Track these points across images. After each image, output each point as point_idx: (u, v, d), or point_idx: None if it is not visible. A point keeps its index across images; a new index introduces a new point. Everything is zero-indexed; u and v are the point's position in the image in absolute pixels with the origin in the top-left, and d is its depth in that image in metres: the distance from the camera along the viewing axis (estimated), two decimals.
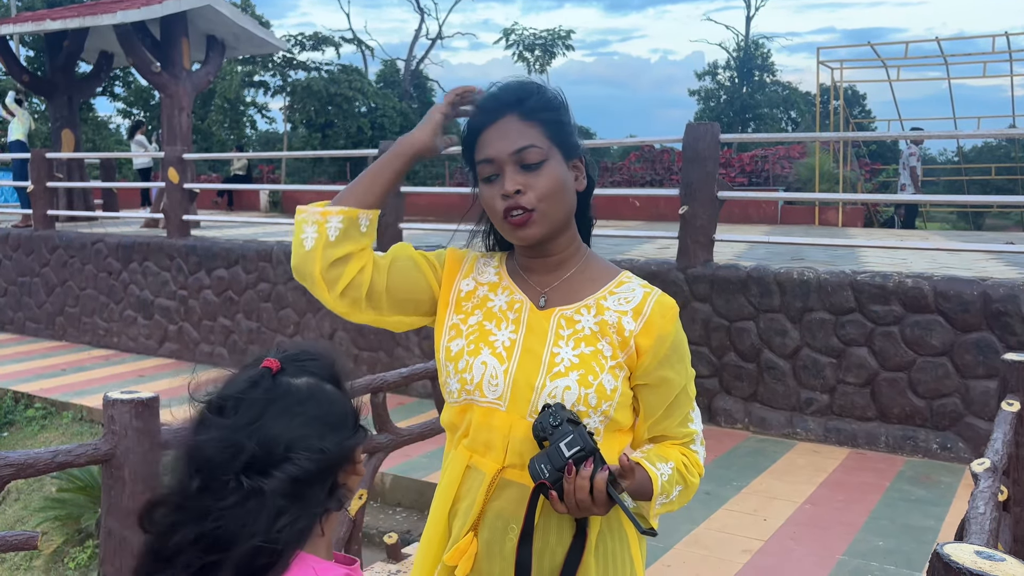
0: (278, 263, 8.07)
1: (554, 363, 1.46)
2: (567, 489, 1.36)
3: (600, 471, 1.35)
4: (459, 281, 1.59)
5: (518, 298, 1.54)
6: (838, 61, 15.96)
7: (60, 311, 9.85)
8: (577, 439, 1.35)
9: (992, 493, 1.89)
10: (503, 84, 1.53)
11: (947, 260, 7.00)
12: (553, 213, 1.47)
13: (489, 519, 1.49)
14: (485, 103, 1.51)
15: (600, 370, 1.46)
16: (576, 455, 1.34)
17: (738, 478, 5.02)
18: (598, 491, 1.35)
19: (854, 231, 12.67)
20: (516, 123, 1.46)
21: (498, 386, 1.47)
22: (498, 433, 1.48)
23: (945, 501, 4.69)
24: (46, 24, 11.20)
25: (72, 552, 5.50)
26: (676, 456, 1.55)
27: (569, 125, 1.52)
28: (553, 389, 1.44)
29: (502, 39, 34.25)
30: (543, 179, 1.45)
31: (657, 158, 19.83)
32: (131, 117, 31.59)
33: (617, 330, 1.48)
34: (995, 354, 5.13)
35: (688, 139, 6.12)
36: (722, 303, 6.03)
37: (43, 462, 2.04)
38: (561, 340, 1.48)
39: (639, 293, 1.53)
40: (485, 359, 1.49)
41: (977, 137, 20.54)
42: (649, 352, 1.48)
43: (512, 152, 1.45)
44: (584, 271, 1.56)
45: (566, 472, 1.35)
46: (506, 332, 1.51)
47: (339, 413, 1.13)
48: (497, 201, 1.46)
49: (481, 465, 1.50)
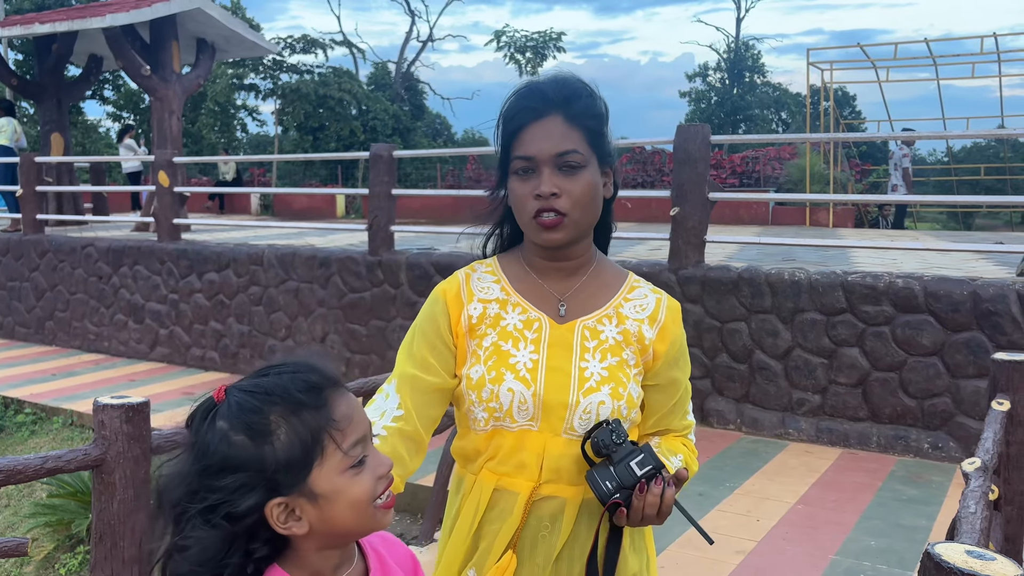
0: (269, 266, 8.06)
1: (584, 378, 1.47)
2: (636, 506, 1.37)
3: (669, 487, 1.39)
4: (466, 309, 1.54)
5: (534, 316, 1.52)
6: (828, 62, 16.03)
7: (50, 315, 9.80)
8: (648, 458, 1.38)
9: (983, 492, 1.90)
10: (552, 78, 1.49)
11: (937, 260, 7.03)
12: (583, 220, 1.47)
13: (526, 536, 1.49)
14: (530, 97, 1.47)
15: (627, 380, 1.49)
16: (647, 474, 1.37)
17: (731, 479, 5.03)
18: (667, 506, 1.39)
19: (845, 232, 12.72)
20: (561, 125, 1.44)
21: (528, 409, 1.46)
22: (531, 453, 1.47)
23: (937, 500, 4.71)
24: (35, 28, 11.15)
25: (63, 558, 5.47)
26: (682, 448, 1.59)
27: (608, 135, 1.51)
28: (588, 405, 1.45)
29: (493, 41, 34.30)
30: (580, 185, 1.44)
31: (648, 160, 19.86)
32: (121, 121, 31.48)
33: (638, 338, 1.51)
34: (985, 354, 5.16)
35: (679, 141, 6.14)
36: (713, 304, 6.04)
37: (33, 468, 2.03)
38: (587, 353, 1.49)
39: (652, 300, 1.56)
40: (511, 385, 1.47)
41: (966, 137, 20.64)
42: (663, 357, 1.53)
43: (555, 154, 1.43)
44: (598, 276, 1.57)
45: (636, 490, 1.37)
46: (526, 353, 1.49)
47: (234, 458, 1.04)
48: (529, 200, 1.45)
49: (513, 486, 1.49)
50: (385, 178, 7.43)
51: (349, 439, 1.09)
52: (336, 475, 1.08)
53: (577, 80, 1.49)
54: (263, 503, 1.05)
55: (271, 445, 1.05)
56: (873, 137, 8.42)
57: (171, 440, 2.19)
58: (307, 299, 7.83)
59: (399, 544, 1.32)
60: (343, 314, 7.62)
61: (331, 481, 1.08)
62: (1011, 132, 11.93)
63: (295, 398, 1.07)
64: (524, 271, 1.56)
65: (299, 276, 7.89)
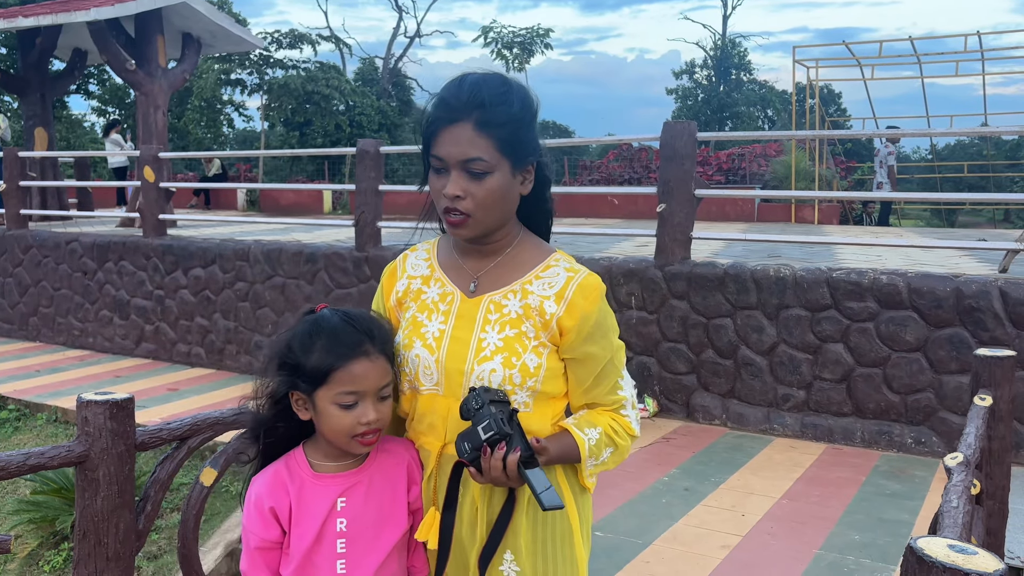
0: (255, 262, 8.02)
1: (480, 348, 1.60)
2: (484, 467, 1.50)
3: (512, 453, 1.49)
4: (396, 286, 1.75)
5: (449, 290, 1.68)
6: (814, 60, 16.10)
7: (34, 311, 9.73)
8: (492, 424, 1.48)
9: (965, 487, 1.91)
10: (471, 81, 1.57)
11: (921, 257, 7.08)
12: (487, 219, 1.58)
13: (440, 492, 1.65)
14: (448, 98, 1.56)
15: (523, 350, 1.59)
16: (490, 438, 1.48)
17: (716, 474, 5.06)
18: (510, 470, 1.49)
19: (830, 228, 12.78)
20: (469, 132, 1.53)
21: (433, 374, 1.63)
22: (438, 415, 1.63)
23: (919, 495, 4.75)
24: (18, 21, 11.04)
25: (47, 555, 5.44)
26: (604, 422, 1.66)
27: (525, 137, 1.58)
28: (480, 372, 1.58)
29: (480, 37, 34.22)
30: (484, 189, 1.55)
31: (635, 156, 19.89)
32: (106, 115, 31.25)
33: (539, 312, 1.60)
34: (968, 349, 5.20)
35: (666, 137, 6.15)
36: (699, 300, 6.06)
37: (16, 464, 2.01)
38: (488, 325, 1.62)
39: (563, 277, 1.63)
40: (418, 352, 1.64)
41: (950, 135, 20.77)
42: (573, 331, 1.60)
43: (461, 160, 1.54)
44: (515, 257, 1.67)
45: (483, 452, 1.49)
46: (436, 323, 1.66)
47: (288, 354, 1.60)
48: (440, 196, 1.58)
49: (428, 445, 1.66)
50: (372, 174, 7.41)
51: (346, 387, 1.55)
52: (329, 404, 1.56)
53: (497, 85, 1.56)
54: (288, 391, 1.60)
55: (307, 359, 1.56)
56: (858, 134, 8.47)
57: (156, 436, 2.18)
58: (294, 295, 7.81)
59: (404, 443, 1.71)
60: None
61: (325, 405, 1.56)
62: (994, 130, 12.01)
63: (336, 345, 1.57)
64: (450, 251, 1.73)
65: (285, 272, 7.86)
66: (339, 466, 1.62)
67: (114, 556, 2.15)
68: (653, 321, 6.24)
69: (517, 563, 1.62)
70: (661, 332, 6.23)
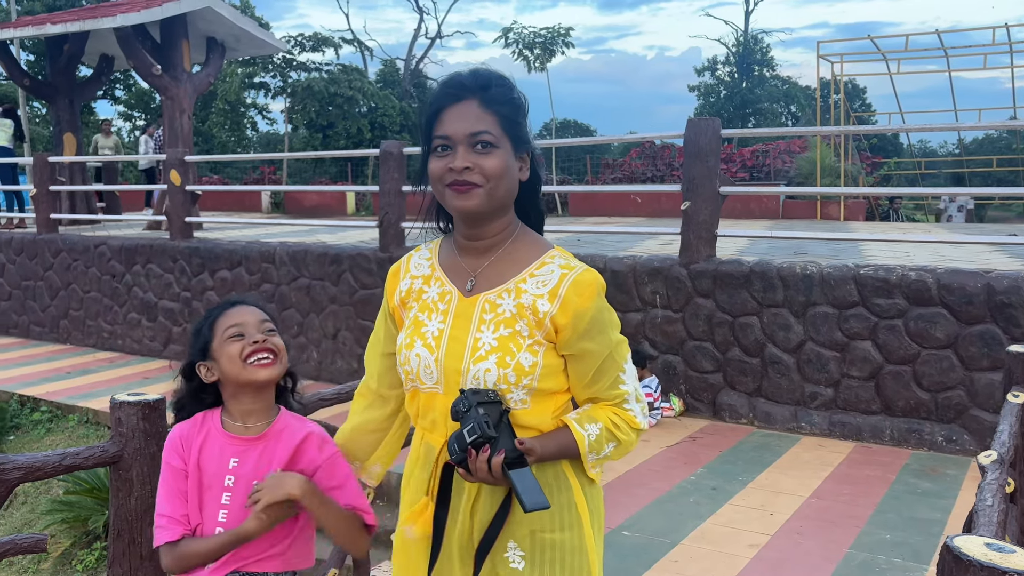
0: (281, 264, 8.08)
1: (476, 347, 1.62)
2: (472, 468, 1.54)
3: (496, 455, 1.52)
4: (399, 286, 1.79)
5: (448, 289, 1.71)
6: (838, 55, 15.95)
7: (64, 314, 9.87)
8: (476, 427, 1.51)
9: (1000, 485, 1.89)
10: (472, 70, 1.66)
11: (950, 253, 6.99)
12: (495, 191, 1.60)
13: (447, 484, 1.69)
14: (450, 85, 1.63)
15: (518, 350, 1.61)
16: (474, 441, 1.51)
17: (743, 473, 5.03)
18: (495, 472, 1.52)
19: (856, 225, 12.65)
20: (476, 108, 1.60)
21: (433, 373, 1.66)
22: (439, 413, 1.67)
23: (951, 494, 4.69)
24: (47, 28, 11.21)
25: (80, 554, 5.52)
26: (606, 417, 1.67)
27: (522, 124, 1.66)
28: (476, 372, 1.60)
29: (501, 38, 34.22)
30: (491, 161, 1.59)
31: (658, 154, 19.82)
32: (132, 120, 31.62)
33: (532, 311, 1.62)
34: (1000, 346, 5.13)
35: (689, 135, 6.12)
36: (725, 298, 6.03)
37: (51, 465, 2.05)
38: (483, 324, 1.64)
39: (556, 275, 1.64)
40: (418, 351, 1.68)
41: (978, 129, 20.52)
42: (568, 328, 1.61)
43: (469, 134, 1.58)
44: (511, 253, 1.69)
45: (468, 454, 1.53)
46: (436, 323, 1.69)
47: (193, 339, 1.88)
48: (445, 171, 1.60)
49: (432, 440, 1.70)
50: (395, 175, 7.44)
51: (228, 323, 1.80)
52: (221, 344, 1.79)
53: (496, 72, 1.66)
54: (194, 363, 1.85)
55: (198, 333, 1.84)
56: (884, 130, 8.36)
57: None
58: (319, 296, 7.86)
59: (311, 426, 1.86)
60: (354, 310, 7.65)
61: (220, 345, 1.80)
62: (1023, 123, 11.83)
63: (214, 309, 1.87)
64: (451, 250, 1.75)
65: (311, 273, 7.91)
66: (242, 428, 1.81)
67: (147, 555, 2.17)
68: (678, 320, 6.21)
69: (521, 549, 1.65)
70: (686, 331, 6.20)
